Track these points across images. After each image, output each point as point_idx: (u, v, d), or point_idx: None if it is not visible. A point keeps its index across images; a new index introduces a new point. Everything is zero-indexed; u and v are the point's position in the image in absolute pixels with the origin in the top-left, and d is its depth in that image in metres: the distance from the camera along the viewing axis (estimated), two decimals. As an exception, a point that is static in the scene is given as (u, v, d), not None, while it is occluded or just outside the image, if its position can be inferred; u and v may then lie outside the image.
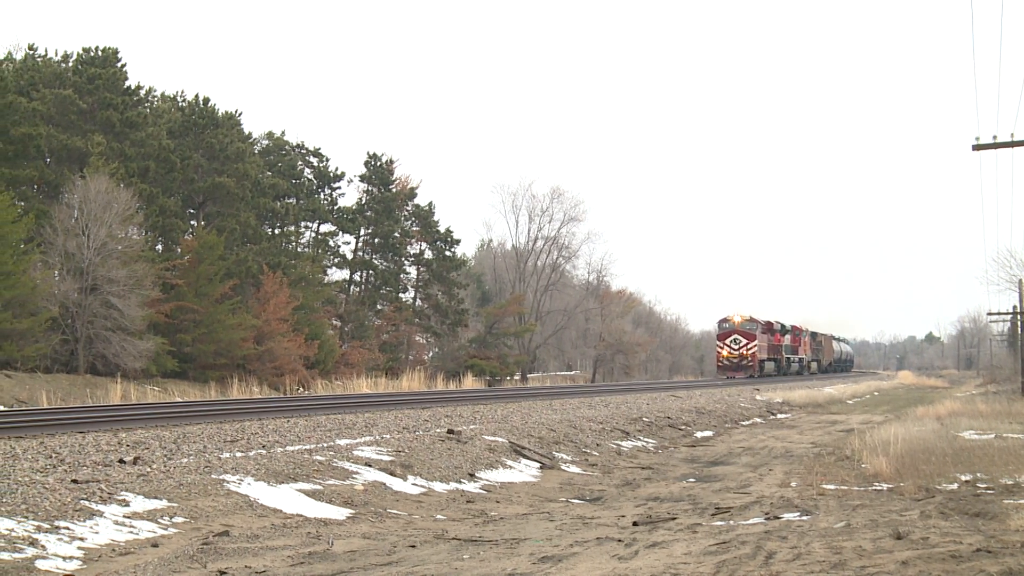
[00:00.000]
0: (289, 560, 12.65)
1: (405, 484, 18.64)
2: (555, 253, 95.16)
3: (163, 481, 15.41)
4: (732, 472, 23.73)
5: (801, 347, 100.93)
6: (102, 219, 52.37)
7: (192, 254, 59.72)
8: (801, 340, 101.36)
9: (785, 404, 51.02)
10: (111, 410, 26.94)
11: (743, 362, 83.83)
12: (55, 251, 53.04)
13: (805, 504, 17.56)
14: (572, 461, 24.62)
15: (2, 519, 12.47)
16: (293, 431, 21.57)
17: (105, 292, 52.41)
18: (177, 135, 65.04)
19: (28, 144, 57.22)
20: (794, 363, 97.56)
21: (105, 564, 11.94)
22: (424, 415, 26.93)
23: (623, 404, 37.28)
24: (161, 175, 61.49)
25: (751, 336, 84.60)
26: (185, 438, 19.24)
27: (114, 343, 52.14)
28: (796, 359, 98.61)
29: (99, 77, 60.62)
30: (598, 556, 12.75)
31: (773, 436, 34.12)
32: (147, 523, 13.70)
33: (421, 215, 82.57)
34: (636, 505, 18.22)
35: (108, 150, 57.68)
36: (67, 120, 59.26)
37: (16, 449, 16.42)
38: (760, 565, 11.79)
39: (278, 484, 16.56)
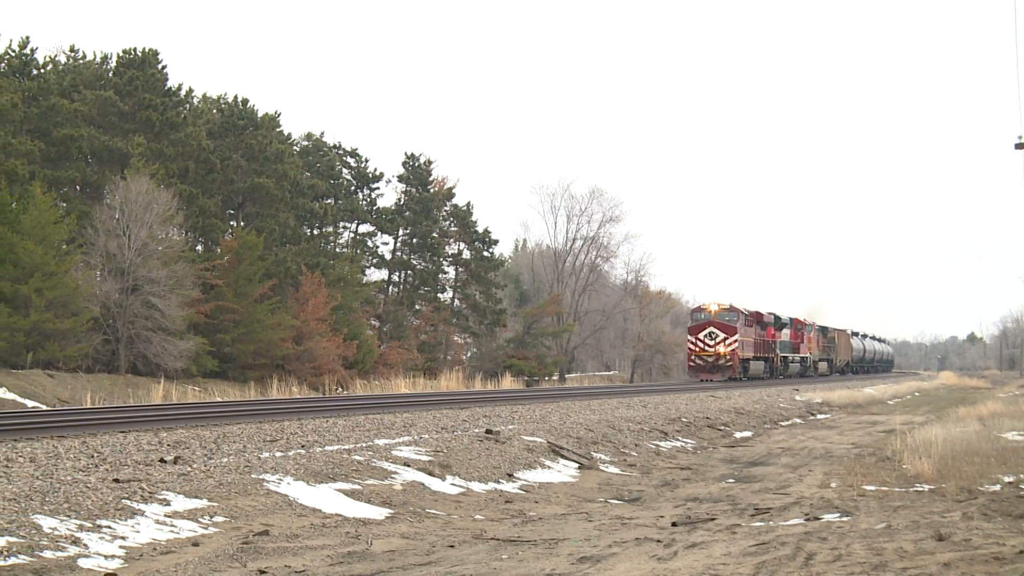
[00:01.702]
0: (328, 560, 12.68)
1: (443, 484, 18.66)
2: (593, 253, 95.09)
3: (203, 481, 15.48)
4: (771, 473, 23.63)
5: (804, 344, 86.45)
6: (143, 220, 52.69)
7: (232, 254, 59.98)
8: (803, 335, 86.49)
9: (825, 404, 50.77)
10: (152, 410, 27.10)
11: (720, 361, 66.98)
12: (96, 252, 53.39)
13: (845, 505, 17.47)
14: (611, 461, 24.58)
15: (45, 517, 12.57)
16: (332, 431, 21.63)
17: (146, 292, 52.72)
18: (217, 136, 65.35)
19: (70, 145, 57.65)
20: (794, 362, 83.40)
21: (146, 563, 12.01)
22: (462, 415, 26.96)
23: (661, 404, 37.20)
24: (201, 176, 61.80)
25: (730, 329, 67.77)
26: (225, 438, 19.33)
27: (155, 343, 52.45)
28: (797, 358, 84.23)
29: (139, 78, 60.98)
30: (637, 557, 12.73)
31: (813, 437, 33.95)
32: (188, 522, 13.77)
33: (459, 215, 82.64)
34: (675, 506, 18.17)
35: (148, 151, 58.02)
36: (108, 121, 59.66)
37: (59, 448, 16.54)
38: (800, 566, 11.74)
39: (317, 484, 16.61)
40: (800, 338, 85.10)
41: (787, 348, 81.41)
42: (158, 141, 60.07)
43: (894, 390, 71.39)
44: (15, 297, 48.32)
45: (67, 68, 62.14)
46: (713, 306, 69.18)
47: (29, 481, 13.95)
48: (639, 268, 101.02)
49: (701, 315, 69.76)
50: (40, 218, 49.49)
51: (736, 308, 69.08)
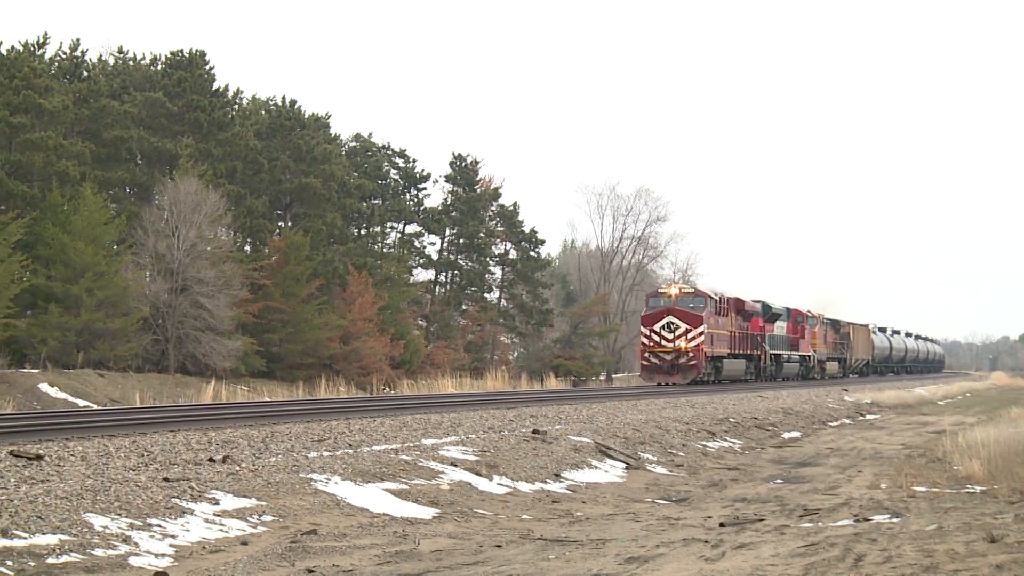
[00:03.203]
0: (376, 559, 12.73)
1: (491, 484, 18.67)
2: (640, 253, 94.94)
3: (252, 480, 15.57)
4: (820, 473, 23.51)
5: (806, 339, 73.16)
6: (191, 220, 53.06)
7: (279, 254, 60.30)
8: (804, 329, 72.81)
9: (874, 405, 50.46)
10: (201, 409, 27.26)
11: (680, 359, 53.21)
12: (146, 252, 53.81)
13: (895, 506, 17.35)
14: (658, 462, 24.54)
15: (97, 516, 12.68)
16: (379, 431, 21.69)
17: (195, 292, 53.09)
18: (265, 137, 65.72)
19: (120, 147, 58.13)
20: (790, 361, 69.88)
21: (196, 561, 12.09)
22: (509, 415, 26.97)
23: (709, 405, 37.08)
24: (249, 176, 62.17)
25: (694, 319, 53.46)
26: (273, 437, 19.41)
27: (204, 343, 52.81)
28: (795, 356, 70.70)
29: (187, 80, 61.39)
30: (684, 557, 12.70)
31: (862, 437, 33.75)
32: (236, 521, 13.85)
33: (506, 215, 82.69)
34: (723, 506, 18.12)
35: (197, 152, 58.40)
36: (157, 123, 60.09)
37: (109, 447, 16.67)
38: (849, 568, 11.67)
39: (365, 483, 16.66)
40: (800, 332, 71.89)
41: (781, 344, 68.22)
42: (206, 142, 60.48)
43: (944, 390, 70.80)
44: (66, 297, 48.80)
45: (117, 70, 62.64)
46: (673, 290, 55.74)
47: (81, 480, 14.07)
48: (686, 267, 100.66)
49: (659, 301, 55.71)
50: (91, 219, 49.94)
51: (703, 292, 56.38)
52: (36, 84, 53.70)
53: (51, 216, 50.03)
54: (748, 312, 61.79)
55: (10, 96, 52.43)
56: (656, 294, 57.49)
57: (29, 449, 15.60)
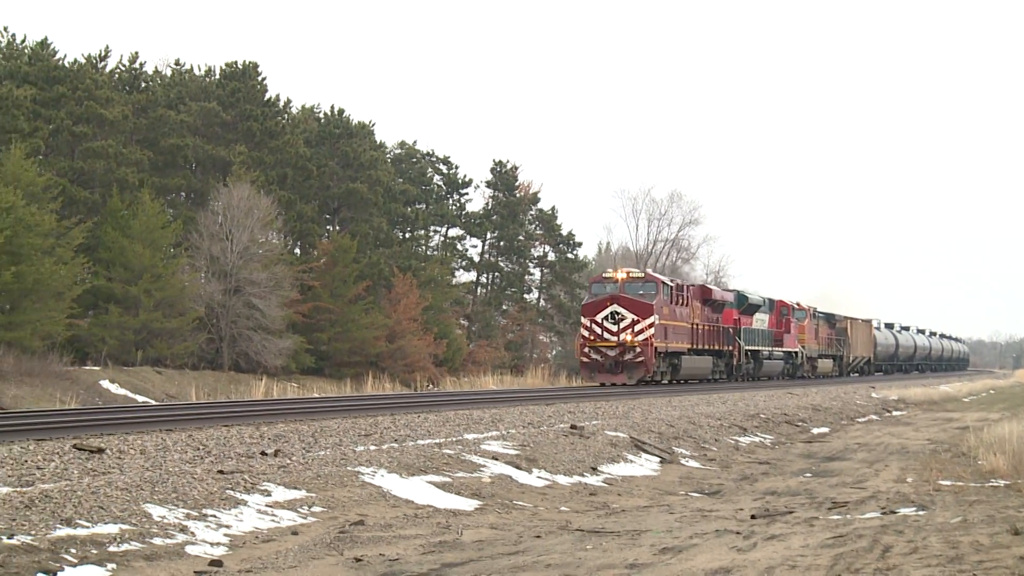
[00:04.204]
0: (421, 548, 12.76)
1: (530, 477, 18.67)
2: (674, 255, 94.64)
3: (302, 472, 15.62)
4: (848, 467, 23.38)
5: (793, 334, 62.79)
6: (244, 224, 53.37)
7: (328, 257, 60.64)
8: (791, 323, 62.44)
9: (900, 401, 50.12)
10: (253, 405, 27.39)
11: (626, 356, 43.47)
12: (201, 255, 54.18)
13: (921, 499, 17.24)
14: (691, 456, 24.47)
15: (155, 507, 12.77)
16: (423, 426, 21.72)
17: (247, 293, 53.40)
18: (314, 144, 66.00)
19: (177, 154, 58.53)
20: (772, 358, 59.27)
21: (249, 550, 12.16)
22: (548, 411, 26.94)
23: (740, 401, 36.93)
24: (298, 182, 62.45)
25: (643, 308, 43.58)
26: (322, 432, 19.47)
27: (256, 341, 53.10)
28: (778, 353, 60.38)
29: (240, 90, 61.74)
30: (717, 548, 12.67)
31: (889, 432, 33.54)
32: (287, 512, 13.91)
33: (544, 219, 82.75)
34: (754, 499, 18.05)
35: (249, 159, 58.73)
36: (212, 131, 60.47)
37: (167, 441, 16.77)
38: (877, 558, 11.61)
39: (410, 476, 16.69)
40: (785, 326, 61.66)
41: (761, 338, 57.70)
42: (258, 150, 60.80)
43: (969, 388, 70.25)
44: (126, 298, 49.19)
45: (173, 81, 63.04)
46: (620, 274, 45.75)
47: (140, 472, 14.17)
48: (718, 269, 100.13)
49: (603, 288, 45.46)
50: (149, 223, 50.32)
51: (654, 277, 46.26)
52: (98, 95, 54.15)
53: (111, 221, 50.47)
54: (718, 302, 52.25)
55: (73, 107, 52.91)
56: (600, 279, 46.91)
57: (91, 443, 15.72)
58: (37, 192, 45.47)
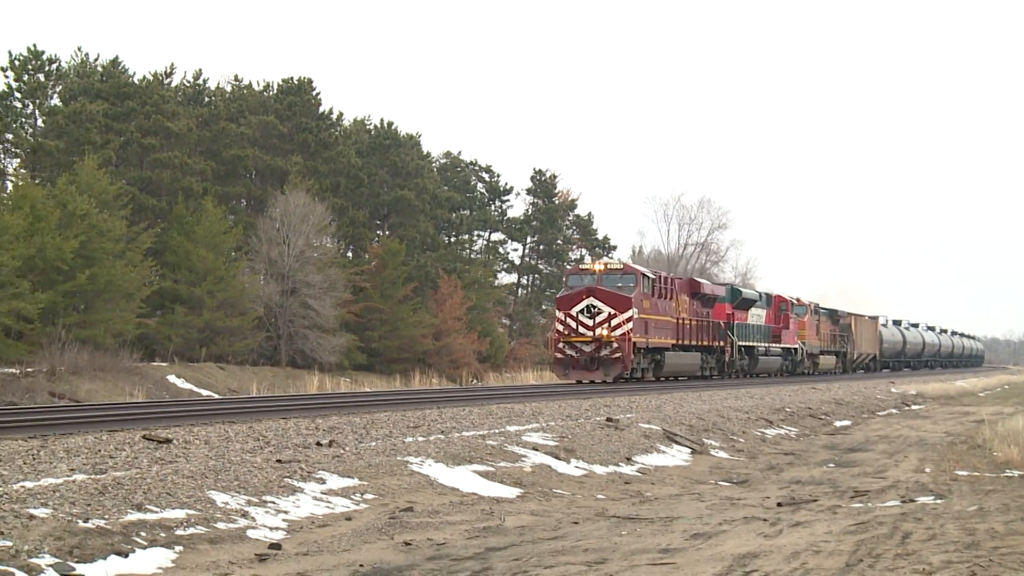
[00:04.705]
0: (466, 533, 12.77)
1: (568, 467, 18.64)
2: (703, 258, 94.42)
3: (354, 462, 15.66)
4: (869, 458, 23.21)
5: (791, 330, 57.75)
6: (300, 230, 53.68)
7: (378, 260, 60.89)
8: (790, 319, 57.49)
9: (919, 396, 49.68)
10: (309, 399, 27.50)
11: (602, 352, 38.29)
12: (260, 258, 54.51)
13: (939, 489, 17.10)
14: (720, 447, 24.36)
15: (219, 493, 12.84)
16: (468, 418, 21.73)
17: (303, 294, 53.68)
18: (365, 154, 66.29)
19: (237, 164, 58.96)
20: (768, 355, 54.24)
21: (306, 534, 12.21)
22: (585, 405, 26.88)
23: (767, 396, 36.73)
24: (351, 190, 62.74)
25: (621, 302, 38.29)
26: (373, 424, 19.51)
27: (311, 339, 53.37)
28: (776, 349, 55.52)
29: (296, 104, 62.11)
30: (745, 533, 12.62)
31: (908, 425, 33.27)
32: (341, 499, 13.95)
33: (581, 224, 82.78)
34: (780, 488, 17.95)
35: (305, 168, 59.09)
36: (270, 143, 60.83)
37: (229, 432, 16.85)
38: (897, 544, 11.54)
39: (455, 466, 16.70)
40: (783, 322, 56.90)
41: (757, 334, 53.24)
42: (313, 160, 61.12)
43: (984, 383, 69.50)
44: (191, 298, 49.56)
45: (234, 96, 63.45)
46: (597, 266, 40.58)
47: (204, 461, 14.25)
48: (746, 271, 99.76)
49: (580, 280, 40.09)
50: (212, 228, 50.71)
51: (634, 268, 41.04)
52: (164, 109, 54.60)
53: (177, 226, 50.89)
54: (707, 296, 47.05)
55: (142, 120, 53.37)
56: (577, 271, 41.70)
57: (159, 433, 15.83)
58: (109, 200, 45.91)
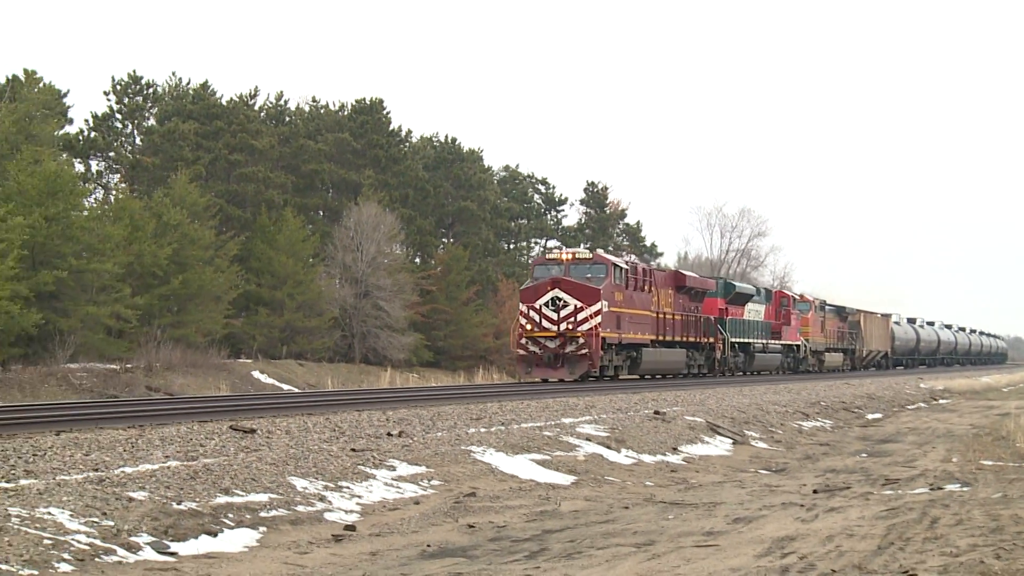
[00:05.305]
0: (525, 517, 12.79)
1: (619, 456, 18.60)
2: (744, 263, 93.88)
3: (422, 451, 15.72)
4: (899, 449, 22.95)
5: (793, 327, 52.22)
6: (372, 238, 54.05)
7: (443, 265, 61.15)
8: (791, 316, 51.96)
9: (946, 391, 49.00)
10: (380, 393, 27.66)
11: (567, 348, 32.60)
12: (335, 264, 54.96)
13: (965, 477, 16.87)
14: (760, 438, 24.20)
15: (298, 479, 12.95)
16: (526, 411, 21.72)
17: (375, 297, 54.03)
18: (431, 168, 66.59)
19: (315, 178, 59.44)
20: (767, 352, 48.91)
21: (378, 517, 12.28)
22: (634, 399, 26.81)
23: (803, 391, 36.43)
24: (418, 201, 63.02)
25: (588, 294, 32.76)
26: (439, 416, 19.56)
27: (382, 338, 53.69)
28: (776, 346, 50.20)
29: (369, 122, 62.49)
30: (783, 518, 12.54)
31: (935, 419, 32.84)
32: (410, 485, 14.01)
33: (630, 232, 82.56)
34: (815, 476, 17.80)
35: (376, 182, 59.43)
36: (344, 158, 61.26)
37: (308, 423, 16.97)
38: (925, 528, 11.42)
39: (514, 455, 16.71)
40: (784, 318, 51.49)
41: (754, 330, 47.64)
42: (384, 173, 61.47)
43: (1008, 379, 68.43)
44: (272, 301, 50.06)
45: (312, 115, 63.96)
46: (565, 255, 34.88)
47: (285, 449, 14.36)
48: (783, 275, 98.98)
49: (546, 270, 34.43)
50: (292, 237, 51.19)
51: (604, 258, 34.98)
52: (249, 128, 55.18)
53: (260, 235, 51.42)
54: (696, 290, 41.69)
55: (229, 138, 53.96)
56: (543, 261, 35.79)
57: (245, 424, 15.98)
58: (199, 211, 46.48)
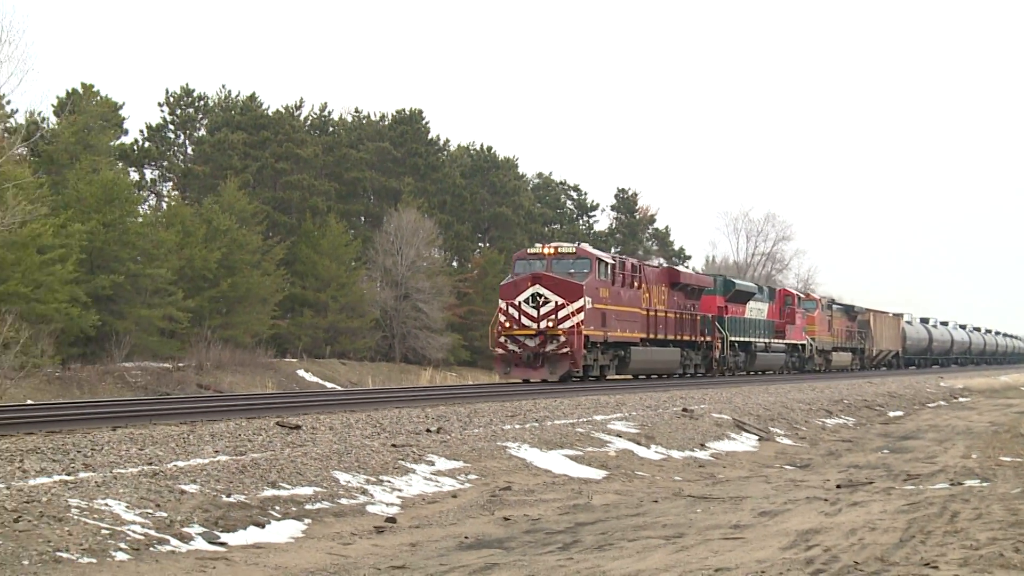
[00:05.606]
0: (558, 510, 12.78)
1: (648, 451, 18.56)
2: (769, 266, 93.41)
3: (459, 447, 15.74)
4: (920, 445, 22.76)
5: (797, 326, 49.18)
6: (411, 242, 54.23)
7: (479, 269, 61.22)
8: (796, 314, 48.86)
9: (965, 390, 48.50)
10: (419, 391, 27.70)
11: (547, 346, 29.59)
12: (376, 267, 55.16)
13: (985, 473, 16.71)
14: (784, 435, 24.07)
15: (341, 473, 13.00)
16: (559, 408, 21.71)
17: (414, 299, 54.19)
18: (468, 175, 66.70)
19: (357, 185, 59.70)
20: (769, 351, 45.71)
21: (417, 510, 12.32)
22: (663, 397, 26.72)
23: (826, 389, 36.19)
24: (455, 207, 63.17)
25: (571, 289, 29.74)
26: (476, 413, 19.57)
27: (421, 338, 53.83)
28: (779, 345, 47.00)
29: (408, 132, 62.71)
30: (807, 512, 12.47)
31: (955, 416, 32.53)
32: (448, 479, 14.04)
33: (659, 237, 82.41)
34: (838, 471, 17.68)
35: (415, 189, 59.62)
36: (385, 166, 61.49)
37: (351, 420, 17.02)
38: (946, 522, 11.31)
39: (548, 450, 16.71)
40: (789, 317, 48.26)
41: (756, 329, 44.48)
42: (423, 181, 61.64)
43: (1026, 378, 67.68)
44: (316, 302, 50.32)
45: (354, 125, 64.25)
46: (547, 249, 31.61)
47: (329, 445, 14.42)
48: (807, 278, 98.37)
49: (527, 265, 31.40)
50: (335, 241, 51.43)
51: (588, 252, 31.60)
52: (294, 138, 55.51)
53: (305, 240, 51.69)
54: (692, 287, 38.65)
55: (275, 148, 54.31)
56: (524, 256, 32.20)
57: (290, 420, 16.05)
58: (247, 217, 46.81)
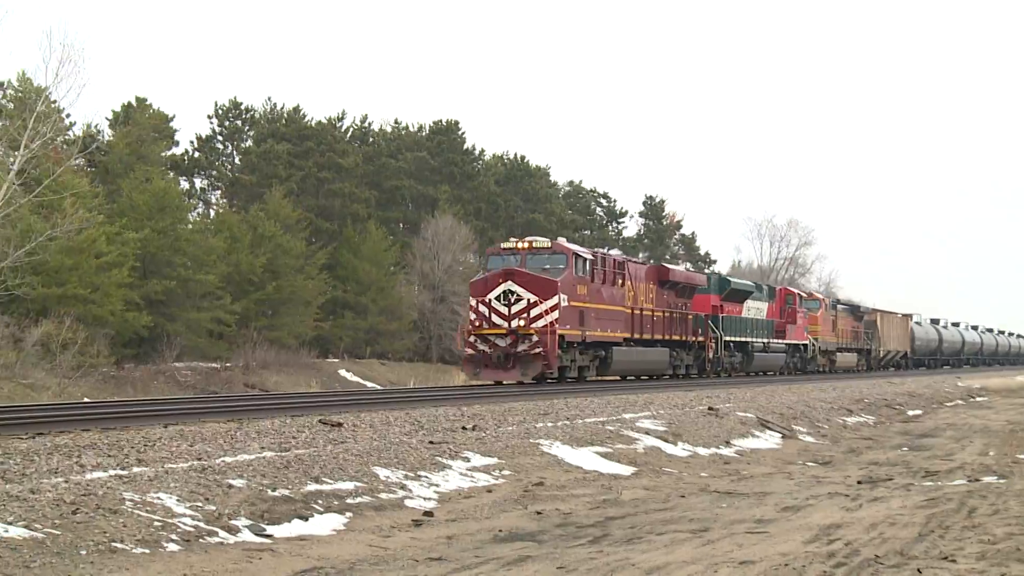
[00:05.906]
0: (589, 505, 12.78)
1: (675, 449, 18.50)
2: (791, 270, 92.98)
3: (494, 443, 15.76)
4: (939, 443, 22.55)
5: (799, 326, 46.06)
6: (448, 248, 54.38)
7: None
8: (797, 314, 45.95)
9: (983, 390, 47.99)
10: (455, 390, 27.74)
11: (519, 347, 26.99)
12: (414, 272, 55.34)
13: (1002, 470, 16.54)
14: (807, 433, 23.92)
15: (382, 468, 13.05)
16: (590, 407, 21.69)
17: (451, 302, 54.27)
18: (502, 183, 66.80)
19: (395, 193, 59.93)
20: (768, 351, 42.97)
21: (453, 504, 12.34)
22: (689, 396, 26.64)
23: (847, 388, 35.95)
24: (490, 214, 63.28)
25: (545, 286, 27.08)
26: (509, 411, 19.59)
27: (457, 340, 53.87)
28: (780, 345, 44.20)
29: (445, 142, 62.93)
30: (829, 507, 12.40)
31: (973, 415, 32.20)
32: (483, 474, 14.06)
33: (686, 242, 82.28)
34: (859, 468, 17.55)
35: (452, 196, 59.77)
36: (422, 175, 61.69)
37: (390, 417, 17.08)
38: (964, 518, 11.22)
39: (579, 447, 16.70)
40: (790, 317, 45.40)
41: (754, 329, 41.59)
42: (459, 189, 61.80)
43: (1043, 378, 66.83)
44: (357, 305, 50.54)
45: (393, 136, 64.53)
46: (521, 244, 29.35)
47: (369, 442, 14.47)
48: (829, 281, 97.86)
49: (500, 261, 29.12)
50: (374, 247, 51.66)
51: (564, 248, 29.38)
52: (336, 148, 55.84)
53: (346, 246, 51.95)
54: (683, 285, 35.95)
55: (318, 157, 54.64)
56: (498, 251, 30.01)
57: (332, 418, 16.13)
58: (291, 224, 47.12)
